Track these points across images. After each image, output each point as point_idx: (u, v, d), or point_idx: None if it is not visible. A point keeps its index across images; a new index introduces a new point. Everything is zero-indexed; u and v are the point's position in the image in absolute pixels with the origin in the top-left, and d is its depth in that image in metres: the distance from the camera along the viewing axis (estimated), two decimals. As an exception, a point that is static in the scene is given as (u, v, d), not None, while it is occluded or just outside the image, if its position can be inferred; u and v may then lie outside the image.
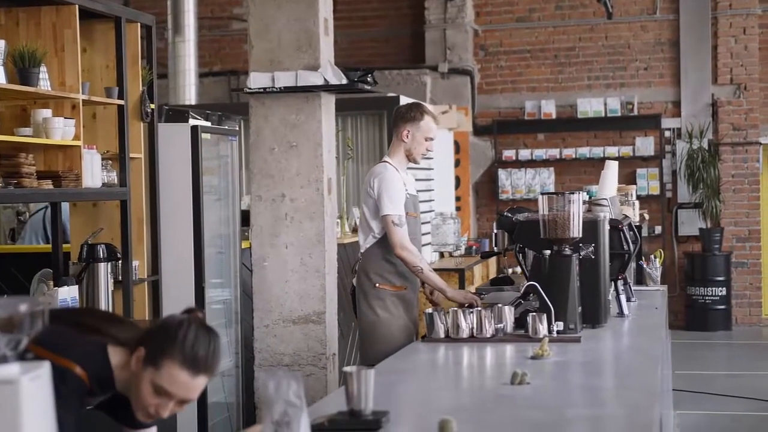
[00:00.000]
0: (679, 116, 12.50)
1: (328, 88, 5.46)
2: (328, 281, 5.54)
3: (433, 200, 10.07)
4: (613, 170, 6.07)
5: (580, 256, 4.51)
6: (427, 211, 9.56)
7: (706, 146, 12.19)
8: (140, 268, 5.81)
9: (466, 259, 10.09)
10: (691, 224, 12.35)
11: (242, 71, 12.53)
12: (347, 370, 2.79)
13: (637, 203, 6.84)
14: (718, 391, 8.54)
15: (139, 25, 5.87)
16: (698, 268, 12.12)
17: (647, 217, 9.37)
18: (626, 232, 5.14)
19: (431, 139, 5.15)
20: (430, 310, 4.39)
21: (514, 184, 12.70)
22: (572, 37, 12.76)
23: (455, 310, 4.33)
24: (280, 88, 5.45)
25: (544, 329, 4.22)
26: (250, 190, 5.82)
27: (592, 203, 5.42)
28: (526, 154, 12.69)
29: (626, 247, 5.11)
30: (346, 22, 12.71)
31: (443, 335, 4.31)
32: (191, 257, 6.23)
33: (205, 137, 6.37)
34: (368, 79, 5.61)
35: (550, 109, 12.65)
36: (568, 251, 4.44)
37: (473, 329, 4.27)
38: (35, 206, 7.45)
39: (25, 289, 5.72)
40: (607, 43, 12.69)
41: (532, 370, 3.50)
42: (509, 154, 12.73)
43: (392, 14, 13.27)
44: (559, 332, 4.29)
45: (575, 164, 12.59)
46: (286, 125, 5.52)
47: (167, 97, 10.88)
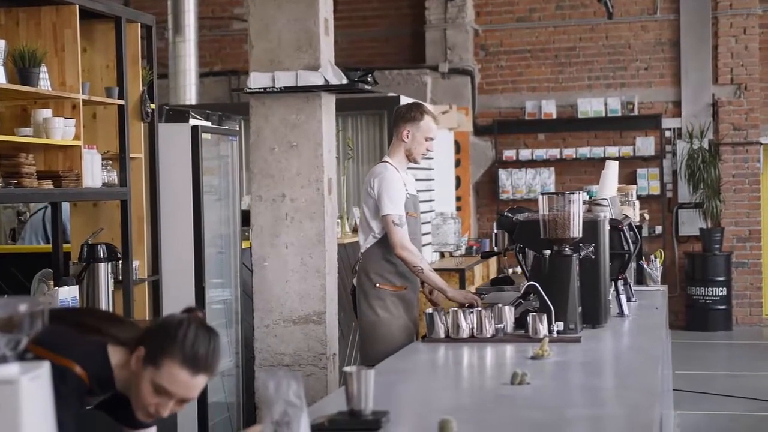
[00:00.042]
0: (679, 116, 12.50)
1: (328, 88, 5.46)
2: (328, 281, 5.53)
3: (433, 200, 10.06)
4: (613, 170, 6.06)
5: (580, 256, 4.51)
6: (427, 211, 9.55)
7: (706, 146, 12.18)
8: (140, 268, 5.81)
9: (466, 259, 10.09)
10: (691, 224, 12.34)
11: (243, 71, 12.53)
12: (347, 370, 2.79)
13: (637, 203, 6.83)
14: (718, 391, 8.54)
15: (139, 25, 5.87)
16: (699, 268, 12.11)
17: (647, 217, 9.36)
18: (626, 232, 5.13)
19: (431, 139, 5.15)
20: (430, 310, 4.39)
21: (514, 184, 12.70)
22: (573, 37, 12.75)
23: (455, 310, 4.33)
24: (280, 88, 5.45)
25: (544, 329, 4.21)
26: (250, 190, 5.82)
27: (592, 203, 5.42)
28: (526, 154, 12.68)
29: (626, 247, 5.11)
30: (346, 22, 12.70)
31: (443, 335, 4.30)
32: (191, 257, 6.23)
33: (205, 137, 6.37)
34: (368, 79, 5.60)
35: (550, 109, 12.64)
36: (568, 251, 4.44)
37: (473, 329, 4.27)
38: (35, 206, 7.44)
39: (25, 289, 5.72)
40: (607, 43, 12.68)
41: (532, 370, 3.50)
42: (510, 154, 12.72)
43: (392, 14, 13.26)
44: (559, 332, 4.29)
45: (575, 164, 12.58)
46: (286, 125, 5.52)
47: (167, 97, 10.88)
